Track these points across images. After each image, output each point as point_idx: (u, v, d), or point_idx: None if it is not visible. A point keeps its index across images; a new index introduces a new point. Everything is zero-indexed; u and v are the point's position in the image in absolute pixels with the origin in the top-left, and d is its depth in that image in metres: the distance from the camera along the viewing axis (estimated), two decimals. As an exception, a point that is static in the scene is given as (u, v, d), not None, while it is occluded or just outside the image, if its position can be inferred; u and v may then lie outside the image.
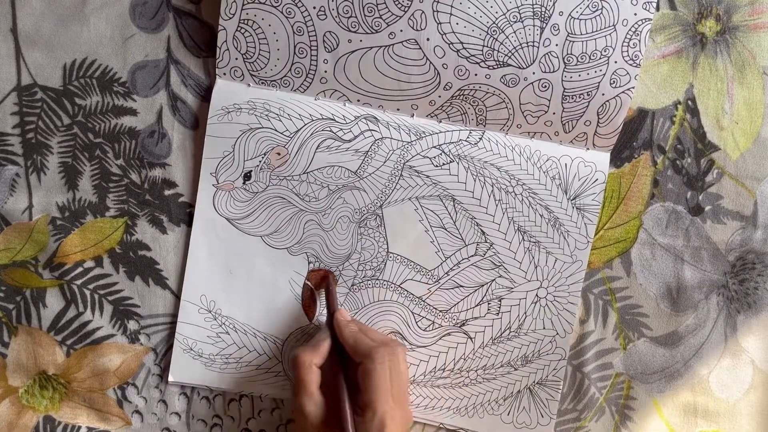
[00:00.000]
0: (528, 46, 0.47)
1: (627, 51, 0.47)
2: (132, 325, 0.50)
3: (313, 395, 0.43)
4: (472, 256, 0.49)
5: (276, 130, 0.48)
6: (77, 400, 0.50)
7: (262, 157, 0.48)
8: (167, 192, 0.49)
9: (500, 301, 0.50)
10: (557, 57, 0.47)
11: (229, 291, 0.49)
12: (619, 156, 0.50)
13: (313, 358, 0.44)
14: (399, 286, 0.50)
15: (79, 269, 0.49)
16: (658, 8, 0.49)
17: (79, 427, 0.50)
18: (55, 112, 0.48)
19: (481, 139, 0.49)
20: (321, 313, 0.50)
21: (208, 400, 0.51)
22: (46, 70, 0.47)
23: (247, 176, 0.48)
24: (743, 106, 0.50)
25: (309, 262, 0.49)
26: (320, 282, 0.49)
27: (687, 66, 0.50)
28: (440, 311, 0.50)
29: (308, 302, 0.50)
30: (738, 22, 0.50)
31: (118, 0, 0.47)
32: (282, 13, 0.46)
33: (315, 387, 0.43)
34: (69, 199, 0.49)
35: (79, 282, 0.49)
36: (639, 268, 0.51)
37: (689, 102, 0.50)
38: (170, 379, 0.49)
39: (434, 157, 0.48)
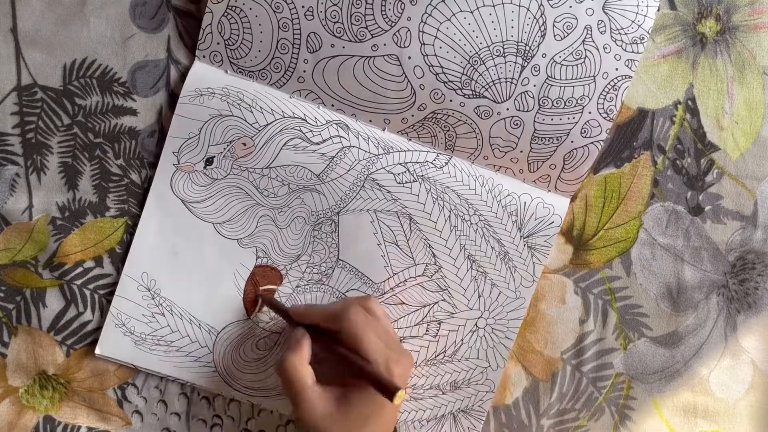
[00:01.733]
0: (506, 82, 0.47)
1: (602, 104, 0.47)
2: (132, 325, 0.50)
3: (314, 387, 0.42)
4: (420, 276, 0.49)
5: (246, 121, 0.47)
6: (77, 400, 0.50)
7: (227, 145, 0.47)
8: (167, 192, 0.49)
9: (440, 324, 0.50)
10: (533, 97, 0.47)
11: (171, 273, 0.49)
12: (619, 156, 0.50)
13: (300, 356, 0.43)
14: (343, 294, 0.49)
15: (79, 269, 0.49)
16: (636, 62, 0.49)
17: (79, 427, 0.50)
18: (55, 112, 0.48)
19: (446, 164, 0.49)
20: (260, 311, 0.49)
21: (208, 400, 0.51)
22: (46, 70, 0.47)
23: (209, 161, 0.47)
24: (743, 106, 0.50)
25: (257, 257, 0.49)
26: (265, 280, 0.49)
27: (687, 66, 0.50)
28: None
29: (250, 297, 0.49)
30: (738, 22, 0.50)
31: (118, 0, 0.47)
32: (270, 6, 0.46)
33: (312, 380, 0.42)
34: (69, 199, 0.49)
35: (79, 282, 0.49)
36: (639, 268, 0.51)
37: (689, 102, 0.50)
38: (97, 351, 0.49)
39: (398, 174, 0.48)
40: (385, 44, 0.46)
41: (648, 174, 0.50)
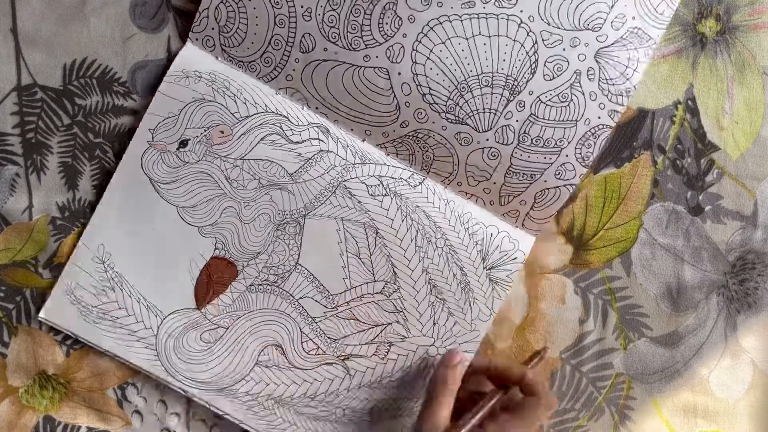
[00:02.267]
0: (490, 113, 0.47)
1: (580, 149, 0.48)
2: (132, 325, 0.50)
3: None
4: (377, 293, 0.49)
5: (227, 109, 0.47)
6: (77, 400, 0.50)
7: (205, 131, 0.47)
8: (167, 192, 0.49)
9: (390, 346, 0.49)
10: (514, 132, 0.47)
11: (128, 249, 0.48)
12: (619, 156, 0.50)
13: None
14: (296, 300, 0.49)
15: (79, 269, 0.49)
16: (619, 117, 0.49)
17: (79, 427, 0.50)
18: (55, 112, 0.48)
19: (420, 184, 0.49)
20: (210, 303, 0.48)
21: (208, 400, 0.51)
22: (46, 70, 0.47)
23: (183, 143, 0.47)
24: (743, 106, 0.50)
25: (216, 248, 0.48)
26: (219, 273, 0.48)
27: (687, 66, 0.50)
28: (329, 338, 0.49)
29: (201, 288, 0.49)
30: (738, 22, 0.50)
31: (118, 0, 0.47)
32: (270, 1, 0.46)
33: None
34: (69, 199, 0.49)
35: (79, 282, 0.49)
36: (639, 268, 0.51)
37: (689, 102, 0.50)
38: (41, 315, 0.48)
39: (371, 186, 0.48)
40: (377, 56, 0.46)
41: (648, 174, 0.50)
